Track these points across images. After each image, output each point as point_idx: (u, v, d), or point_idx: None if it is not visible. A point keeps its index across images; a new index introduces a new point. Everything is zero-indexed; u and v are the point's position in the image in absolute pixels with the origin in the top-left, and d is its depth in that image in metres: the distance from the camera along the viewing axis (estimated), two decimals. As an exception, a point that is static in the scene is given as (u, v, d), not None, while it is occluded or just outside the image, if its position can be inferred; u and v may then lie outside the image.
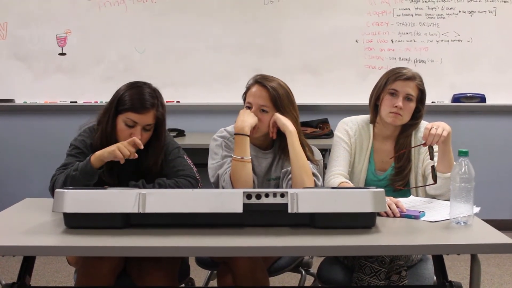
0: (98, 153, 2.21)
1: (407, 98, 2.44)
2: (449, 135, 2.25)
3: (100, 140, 2.33)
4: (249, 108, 2.40)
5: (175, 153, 2.41)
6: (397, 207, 2.09)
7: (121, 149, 2.17)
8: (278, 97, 2.37)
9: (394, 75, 2.47)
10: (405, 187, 2.47)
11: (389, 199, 2.09)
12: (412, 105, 2.46)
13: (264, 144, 2.49)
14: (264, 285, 2.28)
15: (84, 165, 2.19)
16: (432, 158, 2.29)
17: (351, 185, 2.42)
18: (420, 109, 2.50)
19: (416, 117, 2.50)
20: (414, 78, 2.47)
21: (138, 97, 2.29)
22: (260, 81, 2.40)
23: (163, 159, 2.38)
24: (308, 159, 2.41)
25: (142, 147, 2.22)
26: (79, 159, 2.30)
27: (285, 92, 2.41)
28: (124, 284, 2.27)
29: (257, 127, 2.37)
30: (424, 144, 2.25)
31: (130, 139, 2.22)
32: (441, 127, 2.23)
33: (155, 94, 2.34)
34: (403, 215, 2.07)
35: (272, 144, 2.50)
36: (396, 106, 2.42)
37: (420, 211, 2.09)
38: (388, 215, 2.07)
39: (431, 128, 2.22)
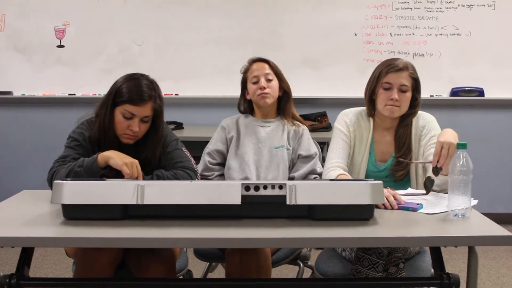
0: (106, 154, 2.20)
1: (402, 89, 2.44)
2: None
3: (98, 132, 2.33)
4: (256, 83, 2.65)
5: (174, 145, 2.41)
6: (395, 199, 2.10)
7: (128, 167, 2.16)
8: (276, 68, 2.71)
9: (386, 68, 2.47)
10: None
11: (387, 191, 2.10)
12: (408, 94, 2.46)
13: (270, 114, 2.74)
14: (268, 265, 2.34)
15: (90, 164, 2.19)
16: (436, 175, 2.20)
17: (349, 177, 2.43)
18: (416, 97, 2.50)
19: (413, 105, 2.50)
20: (406, 68, 2.47)
21: (135, 89, 2.29)
22: (256, 59, 2.75)
23: (161, 151, 2.39)
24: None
25: (141, 179, 2.20)
26: (78, 152, 2.30)
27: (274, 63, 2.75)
28: (123, 275, 2.28)
29: (270, 96, 2.64)
30: (433, 163, 2.16)
31: (139, 171, 2.20)
32: (452, 146, 2.11)
33: (153, 86, 2.34)
34: (401, 207, 2.08)
35: (275, 113, 2.76)
36: (392, 99, 2.43)
37: (418, 204, 2.09)
38: (386, 207, 2.07)
39: (442, 148, 2.13)
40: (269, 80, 2.65)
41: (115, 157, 2.19)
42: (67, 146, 2.35)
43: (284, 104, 2.73)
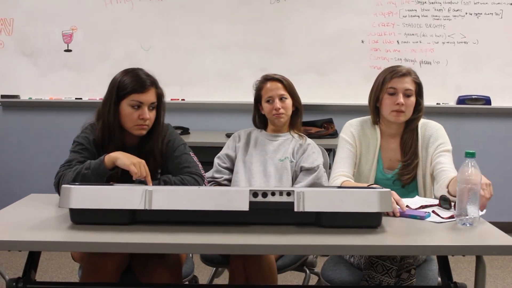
0: (113, 155, 2.21)
1: (407, 94, 2.45)
2: None
3: (102, 132, 2.34)
4: (270, 102, 2.72)
5: (181, 150, 2.41)
6: (398, 205, 2.09)
7: (136, 166, 2.18)
8: (289, 85, 2.76)
9: (390, 74, 2.49)
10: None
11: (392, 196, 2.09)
12: (413, 99, 2.48)
13: (283, 128, 2.81)
14: (272, 271, 2.35)
15: (98, 166, 2.19)
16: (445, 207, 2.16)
17: (354, 182, 2.43)
18: (420, 103, 2.51)
19: (417, 110, 2.51)
20: (409, 73, 2.50)
21: (136, 78, 2.34)
22: (270, 77, 2.77)
23: (169, 156, 2.39)
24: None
25: (149, 178, 2.22)
26: (83, 155, 2.31)
27: (289, 80, 2.79)
28: (129, 280, 2.27)
29: (284, 115, 2.73)
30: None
31: (147, 170, 2.22)
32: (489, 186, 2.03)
33: (150, 74, 2.40)
34: (409, 215, 2.07)
35: (287, 128, 2.83)
36: (397, 104, 2.43)
37: (426, 212, 2.08)
38: (388, 214, 2.06)
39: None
40: (283, 100, 2.72)
41: (122, 158, 2.20)
42: (72, 150, 2.36)
43: (295, 119, 2.81)
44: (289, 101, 2.74)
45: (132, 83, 2.32)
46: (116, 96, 2.32)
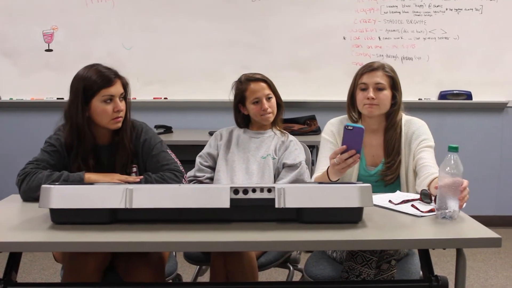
0: (92, 178, 2.24)
1: (378, 88, 2.46)
2: None
3: (71, 134, 2.33)
4: (257, 102, 2.71)
5: (158, 148, 2.41)
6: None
7: (120, 179, 2.26)
8: (271, 83, 2.76)
9: (361, 70, 2.52)
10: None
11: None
12: (386, 92, 2.48)
13: (266, 126, 2.80)
14: (253, 268, 2.36)
15: (77, 182, 2.22)
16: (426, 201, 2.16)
17: (321, 175, 2.43)
18: (396, 96, 2.51)
19: (394, 103, 2.51)
20: (381, 67, 2.50)
21: (100, 73, 2.34)
22: (252, 78, 2.75)
23: (147, 155, 2.39)
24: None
25: (138, 180, 2.28)
26: (53, 158, 2.33)
27: (269, 78, 2.78)
28: (111, 280, 2.27)
29: (272, 114, 2.73)
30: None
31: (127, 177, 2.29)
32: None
33: (110, 67, 2.41)
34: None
35: (270, 125, 2.81)
36: (368, 98, 2.45)
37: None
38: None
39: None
40: (269, 100, 2.72)
41: (101, 180, 2.24)
42: (44, 150, 2.36)
43: (277, 116, 2.80)
44: (274, 100, 2.75)
45: (98, 79, 2.31)
46: (84, 96, 2.31)
